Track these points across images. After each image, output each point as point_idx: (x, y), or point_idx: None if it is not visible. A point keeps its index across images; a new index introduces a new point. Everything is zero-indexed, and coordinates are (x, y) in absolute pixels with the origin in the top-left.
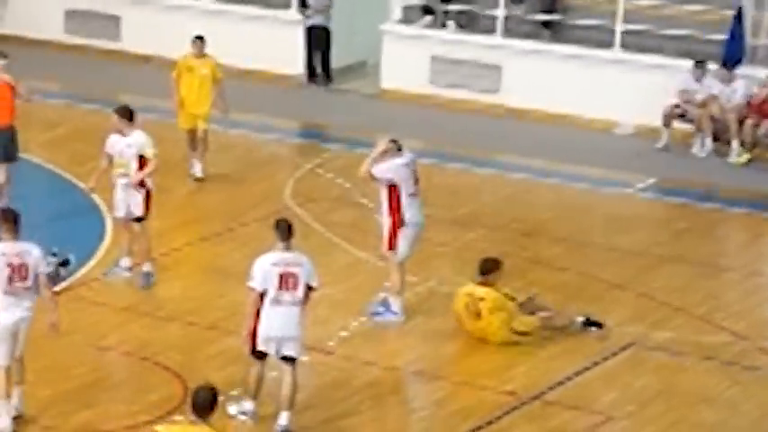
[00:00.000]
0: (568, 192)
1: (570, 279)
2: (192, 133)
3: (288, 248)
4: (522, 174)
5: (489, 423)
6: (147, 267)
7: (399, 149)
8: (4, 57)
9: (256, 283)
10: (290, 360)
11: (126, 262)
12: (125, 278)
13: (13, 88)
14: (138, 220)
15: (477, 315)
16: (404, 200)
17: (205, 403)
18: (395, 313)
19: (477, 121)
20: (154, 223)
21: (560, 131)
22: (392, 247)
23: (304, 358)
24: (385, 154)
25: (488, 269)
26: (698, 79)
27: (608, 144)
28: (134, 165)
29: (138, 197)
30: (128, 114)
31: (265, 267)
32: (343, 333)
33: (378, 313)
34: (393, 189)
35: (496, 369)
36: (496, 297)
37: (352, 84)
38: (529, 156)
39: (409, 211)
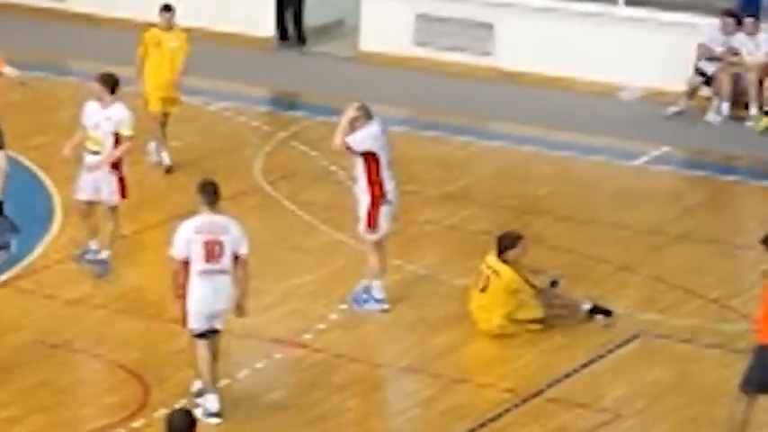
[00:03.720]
0: (570, 164)
1: (573, 261)
2: (161, 120)
3: (214, 214)
4: (518, 144)
5: (485, 423)
6: (105, 254)
7: (369, 117)
8: None
9: (176, 250)
10: (214, 332)
11: (95, 245)
12: (78, 266)
13: None
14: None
15: (484, 289)
16: (383, 171)
17: (182, 428)
18: (378, 300)
19: (468, 86)
20: None
21: (560, 97)
22: (372, 225)
23: (278, 355)
24: (354, 123)
25: (505, 246)
26: (728, 33)
27: (613, 110)
28: (109, 142)
29: (112, 182)
30: (111, 83)
31: (187, 234)
32: (322, 325)
33: (360, 302)
34: (371, 160)
35: (493, 363)
36: (513, 279)
37: (328, 46)
38: (525, 124)
39: (389, 183)
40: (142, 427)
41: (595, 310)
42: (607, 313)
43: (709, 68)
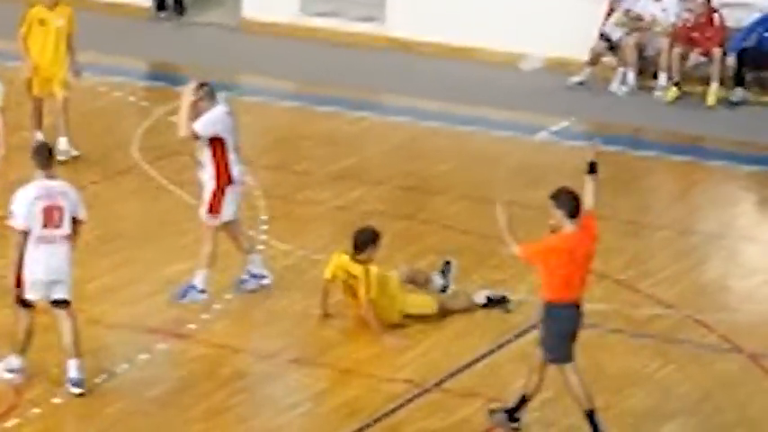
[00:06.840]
0: (467, 139)
1: (472, 243)
2: (41, 102)
3: (49, 178)
4: (413, 119)
5: (381, 418)
6: None
7: (213, 97)
8: None
9: (19, 221)
10: (62, 303)
11: None
12: None
13: None
14: None
15: (354, 295)
16: (229, 155)
17: None
18: (200, 290)
19: (359, 56)
20: None
21: (457, 67)
22: (215, 211)
23: (160, 347)
24: (197, 105)
25: (361, 243)
26: None
27: (513, 82)
28: None
29: None
30: None
31: (27, 202)
32: (205, 315)
33: (246, 282)
34: (217, 144)
35: (389, 353)
36: (373, 277)
37: (208, 15)
38: (421, 97)
39: (236, 167)
40: (15, 426)
41: (491, 302)
42: (504, 301)
43: (615, 34)
